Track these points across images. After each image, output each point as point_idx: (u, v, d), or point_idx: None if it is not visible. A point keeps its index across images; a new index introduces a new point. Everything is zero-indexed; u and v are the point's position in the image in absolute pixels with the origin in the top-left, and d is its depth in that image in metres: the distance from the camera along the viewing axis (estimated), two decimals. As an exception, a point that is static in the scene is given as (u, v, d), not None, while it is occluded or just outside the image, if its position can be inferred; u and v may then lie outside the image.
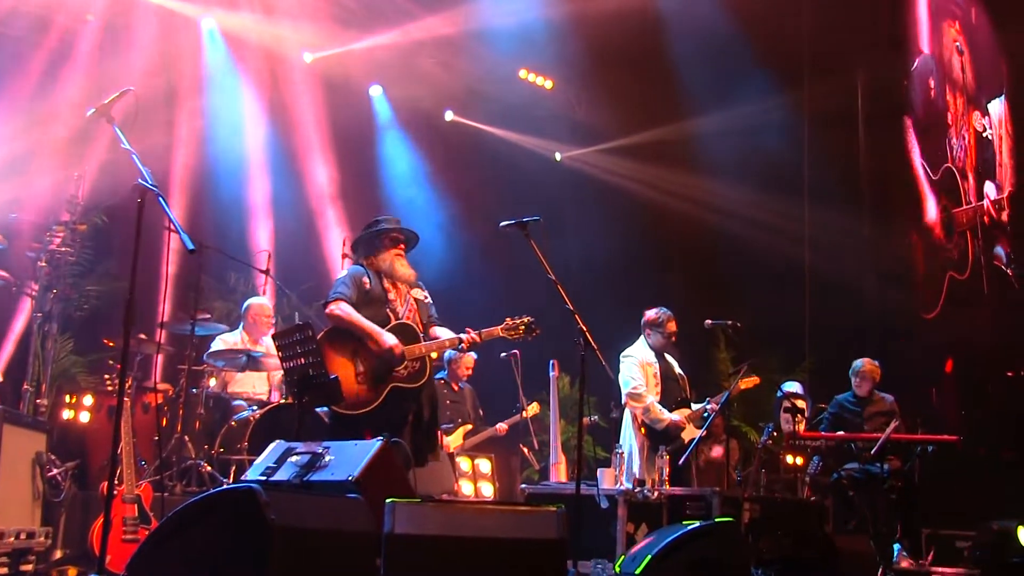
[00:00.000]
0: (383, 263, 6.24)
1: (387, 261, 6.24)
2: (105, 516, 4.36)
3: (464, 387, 9.74)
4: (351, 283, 6.12)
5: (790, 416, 8.69)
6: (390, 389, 5.90)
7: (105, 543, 4.10)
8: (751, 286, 12.09)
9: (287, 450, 5.02)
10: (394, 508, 4.14)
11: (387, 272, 6.23)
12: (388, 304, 6.16)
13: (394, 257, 6.27)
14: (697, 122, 12.52)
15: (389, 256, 6.26)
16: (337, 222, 11.67)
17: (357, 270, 6.25)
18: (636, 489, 6.59)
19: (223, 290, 10.43)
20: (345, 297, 6.02)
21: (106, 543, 4.10)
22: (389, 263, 6.24)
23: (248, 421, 7.56)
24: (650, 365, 7.81)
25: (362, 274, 6.19)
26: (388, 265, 6.24)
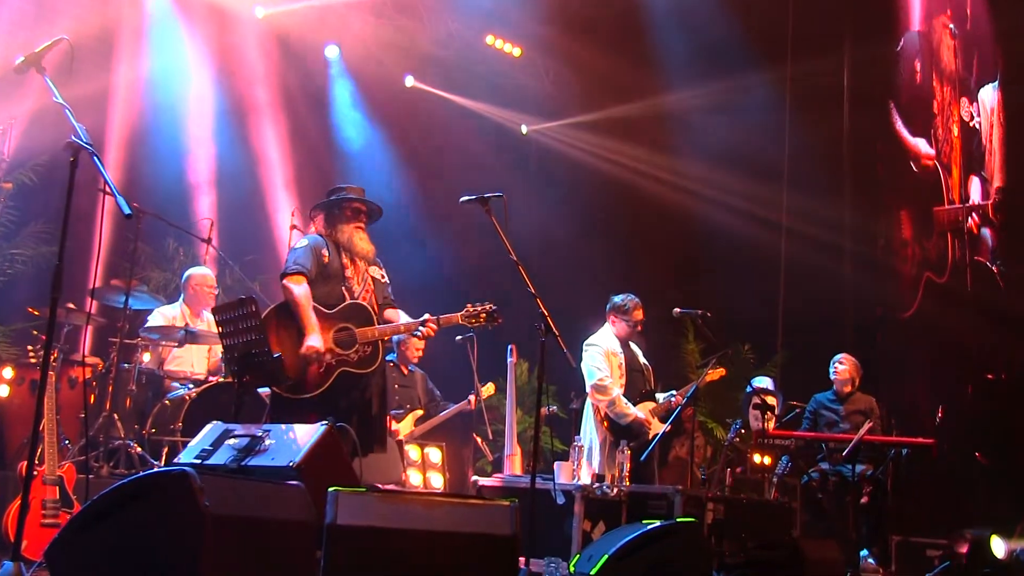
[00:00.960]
0: (342, 235, 6.20)
1: (346, 234, 6.20)
2: (23, 498, 4.30)
3: (415, 371, 9.71)
4: (311, 255, 6.07)
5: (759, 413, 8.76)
6: (339, 373, 5.87)
7: (22, 527, 4.03)
8: (723, 274, 12.15)
9: (224, 432, 4.99)
10: (337, 497, 4.12)
11: (345, 245, 6.18)
12: (344, 281, 6.13)
13: (354, 230, 6.22)
14: (673, 98, 12.54)
15: (349, 229, 6.21)
16: (286, 190, 11.58)
17: (317, 241, 6.19)
18: (595, 485, 6.62)
19: (161, 259, 10.32)
20: (304, 271, 5.97)
21: (22, 527, 4.04)
22: (348, 236, 6.20)
23: (183, 400, 7.50)
24: (615, 355, 7.83)
25: (322, 246, 6.14)
26: (347, 238, 6.19)
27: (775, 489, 8.68)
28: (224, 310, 5.78)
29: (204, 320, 8.34)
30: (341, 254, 6.18)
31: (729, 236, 11.97)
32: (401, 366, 9.60)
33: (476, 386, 9.55)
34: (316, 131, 12.13)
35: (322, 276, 6.06)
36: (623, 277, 11.36)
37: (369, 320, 6.02)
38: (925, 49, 12.08)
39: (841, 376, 9.03)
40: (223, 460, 4.76)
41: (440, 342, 9.61)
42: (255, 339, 5.56)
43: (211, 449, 4.88)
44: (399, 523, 4.22)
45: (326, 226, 6.26)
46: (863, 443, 8.04)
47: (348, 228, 6.21)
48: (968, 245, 11.28)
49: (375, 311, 6.13)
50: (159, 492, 3.76)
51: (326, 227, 6.26)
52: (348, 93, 12.38)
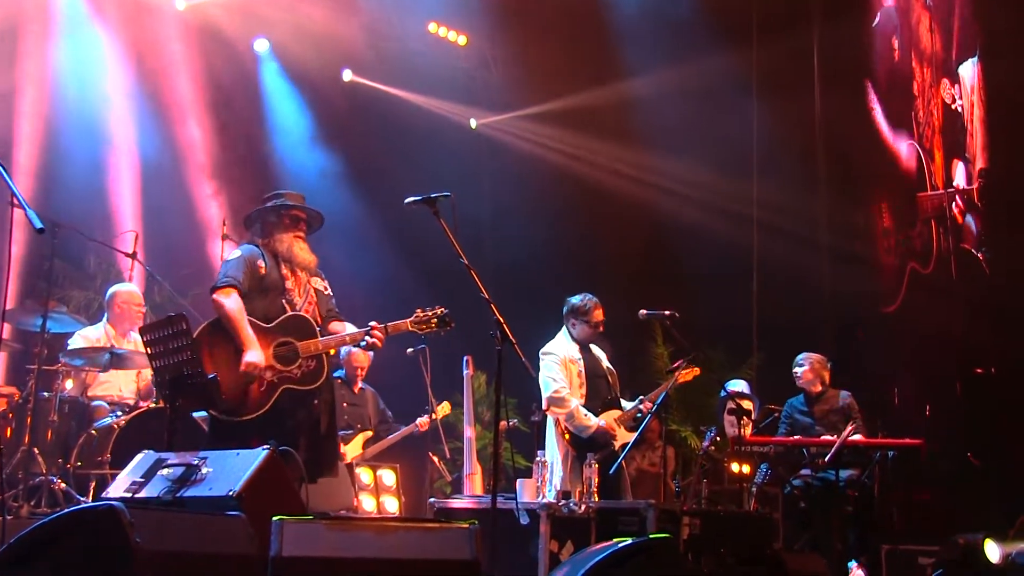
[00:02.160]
0: (280, 245, 6.19)
1: (285, 243, 6.19)
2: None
3: (366, 389, 9.69)
4: (244, 267, 6.05)
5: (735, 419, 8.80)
6: (281, 391, 5.85)
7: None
8: (692, 273, 12.22)
9: (157, 462, 4.95)
10: (282, 527, 4.10)
11: (284, 256, 6.17)
12: (285, 293, 6.12)
13: (293, 239, 6.22)
14: (631, 85, 12.59)
15: (288, 238, 6.20)
16: (217, 198, 11.50)
17: (252, 251, 6.17)
18: (561, 502, 6.63)
19: (81, 277, 10.23)
20: (236, 284, 5.95)
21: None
22: (287, 246, 6.19)
23: (111, 429, 7.43)
24: (574, 362, 7.84)
25: (257, 256, 6.13)
26: (286, 248, 6.18)
27: (754, 499, 8.74)
28: (153, 329, 5.75)
29: (131, 341, 8.26)
30: (280, 265, 6.16)
31: (697, 231, 12.04)
32: (352, 384, 9.57)
33: (431, 402, 9.54)
34: (249, 133, 12.06)
35: (259, 289, 6.04)
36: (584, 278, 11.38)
37: (311, 332, 6.01)
38: (903, 25, 12.20)
39: (805, 378, 9.07)
40: (156, 492, 4.72)
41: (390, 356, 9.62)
42: (187, 359, 5.53)
43: (143, 481, 4.84)
44: (350, 552, 4.20)
45: (263, 235, 6.24)
46: (846, 446, 8.12)
47: (287, 237, 6.20)
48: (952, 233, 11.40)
49: (319, 323, 6.11)
50: (85, 530, 3.73)
51: (263, 236, 6.24)
52: (281, 90, 12.32)
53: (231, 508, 4.41)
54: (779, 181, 11.83)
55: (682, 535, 6.56)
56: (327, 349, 6.02)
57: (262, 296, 6.04)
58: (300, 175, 11.76)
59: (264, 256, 6.14)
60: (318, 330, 6.07)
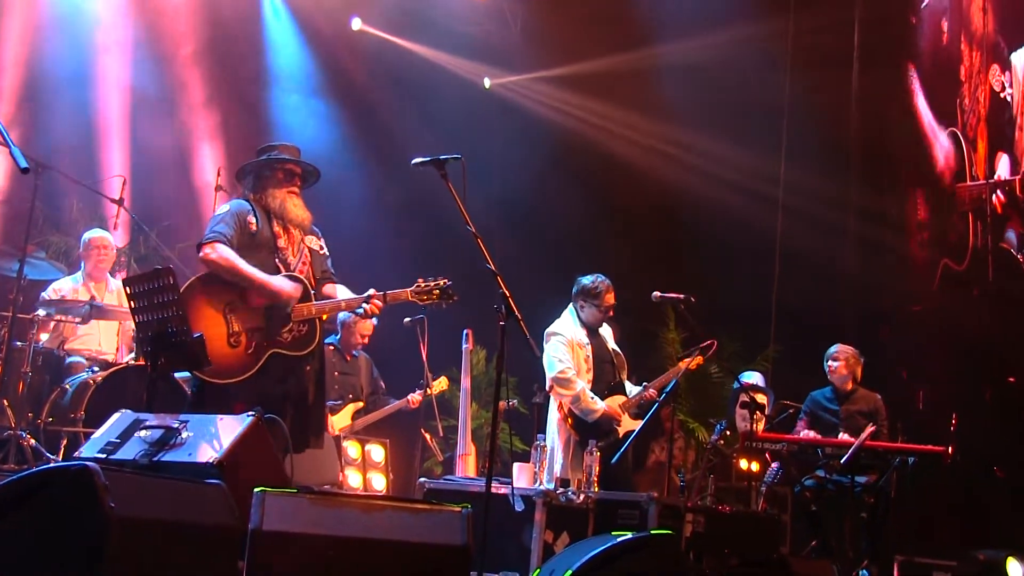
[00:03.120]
0: (273, 200, 6.18)
1: (278, 199, 6.18)
2: None
3: (359, 356, 9.69)
4: (233, 222, 6.04)
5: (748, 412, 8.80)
6: (269, 355, 5.85)
7: None
8: (710, 255, 12.19)
9: (134, 422, 4.96)
10: (264, 499, 4.11)
11: (277, 212, 6.17)
12: (277, 252, 6.11)
13: (287, 195, 6.21)
14: (657, 52, 12.51)
15: (281, 193, 6.20)
16: (211, 146, 11.49)
17: (242, 206, 6.16)
18: (558, 490, 6.63)
19: (62, 222, 10.23)
20: (225, 238, 5.94)
21: None
22: (280, 201, 6.18)
23: (87, 385, 7.44)
24: (582, 347, 7.84)
25: (247, 212, 6.12)
26: (279, 204, 6.17)
27: (763, 499, 8.75)
28: (137, 282, 5.73)
29: (113, 292, 8.26)
30: (272, 221, 6.16)
31: (718, 211, 12.00)
32: (344, 351, 9.57)
33: (426, 376, 9.54)
34: (248, 80, 12.03)
35: (250, 246, 6.03)
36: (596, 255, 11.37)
37: (306, 296, 6.00)
38: (954, 6, 12.08)
39: (839, 373, 9.03)
40: (132, 455, 4.73)
41: (386, 325, 9.62)
42: (172, 315, 5.52)
43: (118, 442, 4.85)
44: (334, 530, 4.21)
45: (255, 189, 6.24)
46: (865, 449, 8.10)
47: (280, 192, 6.19)
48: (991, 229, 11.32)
49: (312, 285, 6.11)
50: (56, 491, 3.73)
51: (255, 191, 6.23)
52: (285, 37, 12.27)
53: (211, 476, 4.43)
54: (808, 162, 11.76)
55: (684, 533, 6.57)
56: (321, 314, 6.02)
57: (252, 254, 6.03)
58: (300, 127, 11.74)
59: (255, 212, 6.13)
60: (312, 293, 6.07)
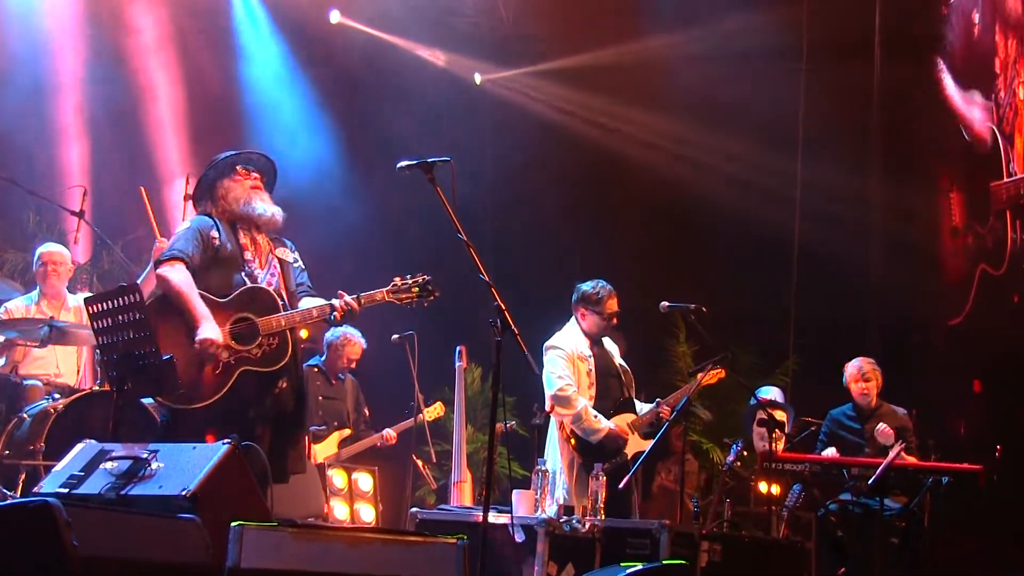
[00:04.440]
0: (236, 202, 6.17)
1: (241, 197, 6.17)
2: None
3: (345, 379, 9.69)
4: (194, 238, 6.04)
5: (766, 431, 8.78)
6: (240, 374, 5.84)
7: None
8: (722, 260, 12.21)
9: (99, 453, 4.94)
10: (242, 534, 4.10)
11: (243, 213, 6.16)
12: (244, 265, 6.11)
13: (250, 191, 6.20)
14: (660, 43, 12.52)
15: (243, 190, 6.19)
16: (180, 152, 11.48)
17: (204, 222, 6.17)
18: (562, 519, 6.63)
19: (18, 236, 10.23)
20: (184, 256, 5.95)
21: None
22: (245, 197, 6.17)
23: (47, 413, 7.42)
24: (583, 360, 7.84)
25: (210, 227, 6.12)
26: (243, 202, 6.17)
27: (785, 524, 8.73)
28: (101, 300, 5.72)
29: (71, 311, 8.25)
30: (238, 232, 6.15)
31: (729, 212, 12.00)
32: (329, 374, 9.58)
33: (416, 398, 9.53)
34: (220, 78, 12.03)
35: (213, 262, 6.04)
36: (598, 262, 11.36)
37: (273, 307, 6.00)
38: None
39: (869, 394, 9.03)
40: (98, 488, 4.71)
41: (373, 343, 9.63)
42: (139, 336, 5.52)
43: (82, 475, 4.83)
44: (319, 566, 4.21)
45: (215, 199, 6.23)
46: (894, 469, 8.09)
47: (242, 188, 6.19)
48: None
49: (283, 298, 6.10)
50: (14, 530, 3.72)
51: (215, 200, 6.22)
52: (259, 31, 12.28)
53: (184, 510, 4.40)
54: (827, 159, 11.76)
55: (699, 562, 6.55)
56: (291, 325, 6.01)
57: (217, 269, 6.03)
58: (276, 130, 11.75)
59: (219, 226, 6.14)
60: (282, 304, 6.06)
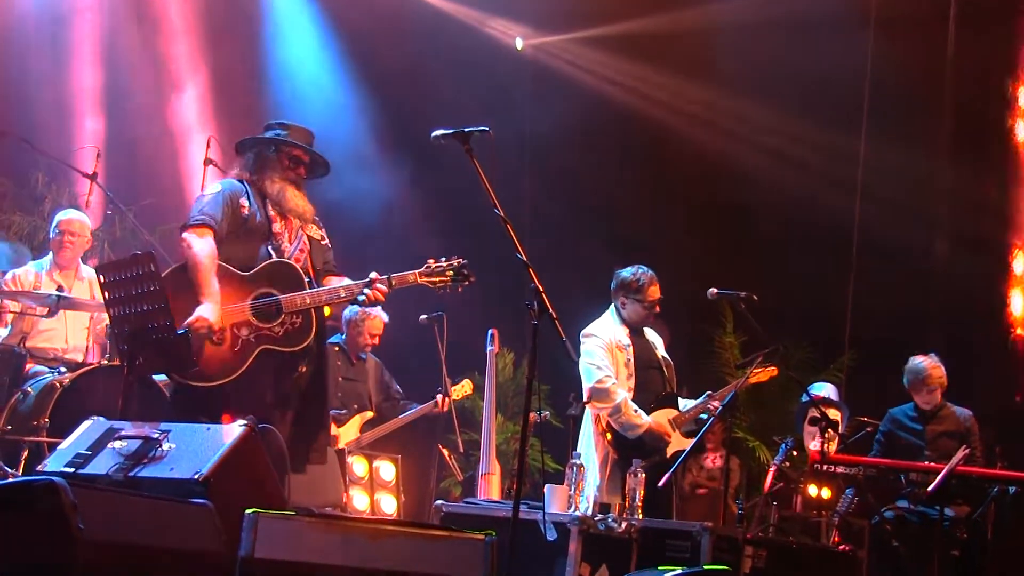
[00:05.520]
0: (271, 186, 6.23)
1: (276, 185, 6.24)
2: None
3: (367, 359, 9.70)
4: (223, 204, 6.09)
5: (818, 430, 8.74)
6: (259, 353, 5.86)
7: None
8: (775, 246, 12.14)
9: (108, 432, 4.97)
10: (256, 522, 4.12)
11: (275, 199, 6.22)
12: (272, 239, 6.15)
13: (287, 185, 6.25)
14: (715, 8, 12.47)
15: (280, 181, 6.25)
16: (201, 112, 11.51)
17: (234, 187, 6.21)
18: (597, 517, 6.62)
19: (27, 199, 10.29)
20: (212, 224, 5.99)
21: None
22: (279, 188, 6.23)
23: (52, 387, 7.47)
24: (622, 349, 7.82)
25: (240, 194, 6.17)
26: (277, 191, 6.23)
27: (835, 531, 8.71)
28: (113, 269, 5.76)
29: (84, 280, 8.29)
30: (267, 205, 6.19)
31: (785, 195, 11.95)
32: (351, 353, 9.59)
33: (444, 383, 9.53)
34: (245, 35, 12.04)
35: (241, 232, 6.08)
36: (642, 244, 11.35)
37: (299, 284, 6.03)
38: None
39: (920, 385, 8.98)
40: (105, 469, 4.74)
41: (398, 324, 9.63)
42: (153, 309, 5.54)
43: (89, 454, 4.86)
44: (336, 558, 4.22)
45: (253, 170, 6.26)
46: (956, 476, 8.04)
47: (279, 180, 6.24)
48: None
49: (310, 275, 6.12)
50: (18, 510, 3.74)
51: (253, 171, 6.26)
52: (290, 0, 12.31)
53: (196, 494, 4.43)
54: (893, 139, 11.67)
55: (743, 568, 6.55)
56: (316, 303, 6.02)
57: (243, 239, 6.07)
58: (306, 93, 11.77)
59: (249, 194, 6.18)
60: (308, 282, 6.08)
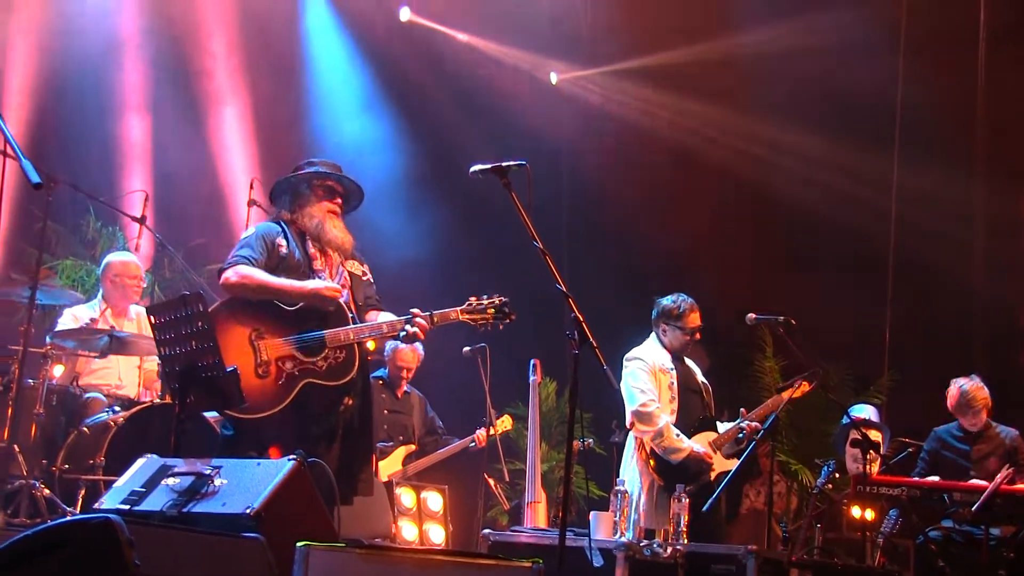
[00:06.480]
0: (310, 221, 6.25)
1: (316, 218, 6.25)
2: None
3: (411, 392, 9.72)
4: (259, 245, 6.12)
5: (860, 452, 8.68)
6: (303, 386, 5.87)
7: None
8: (812, 270, 12.10)
9: (161, 469, 4.99)
10: (308, 554, 4.12)
11: (313, 233, 6.24)
12: (312, 275, 6.15)
13: (327, 214, 6.27)
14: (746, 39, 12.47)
15: (320, 212, 6.27)
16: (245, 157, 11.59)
17: (270, 228, 6.25)
18: (642, 542, 6.60)
19: (78, 243, 10.37)
20: (249, 262, 6.01)
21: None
22: (319, 221, 6.25)
23: (107, 426, 7.50)
24: (665, 372, 7.81)
25: (276, 234, 6.19)
26: (316, 224, 6.24)
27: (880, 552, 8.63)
28: (163, 310, 5.78)
29: (134, 321, 8.34)
30: (307, 243, 6.22)
31: (820, 218, 11.92)
32: (394, 387, 9.61)
33: (489, 414, 9.53)
34: (285, 80, 12.13)
35: (280, 270, 6.10)
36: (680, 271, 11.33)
37: (342, 319, 6.04)
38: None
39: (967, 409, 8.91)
40: (159, 505, 4.75)
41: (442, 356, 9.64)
42: (203, 347, 5.56)
43: (144, 491, 4.88)
44: (387, 589, 4.21)
45: (291, 209, 6.31)
46: (1001, 495, 7.96)
47: (318, 211, 6.27)
48: None
49: (352, 310, 6.14)
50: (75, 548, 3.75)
51: (290, 210, 6.30)
52: (327, 30, 12.37)
53: (248, 528, 4.43)
54: (927, 162, 11.62)
55: (789, 591, 6.51)
56: (359, 339, 6.04)
57: (284, 277, 6.07)
58: (345, 134, 11.84)
59: (287, 233, 6.21)
60: (351, 317, 6.10)
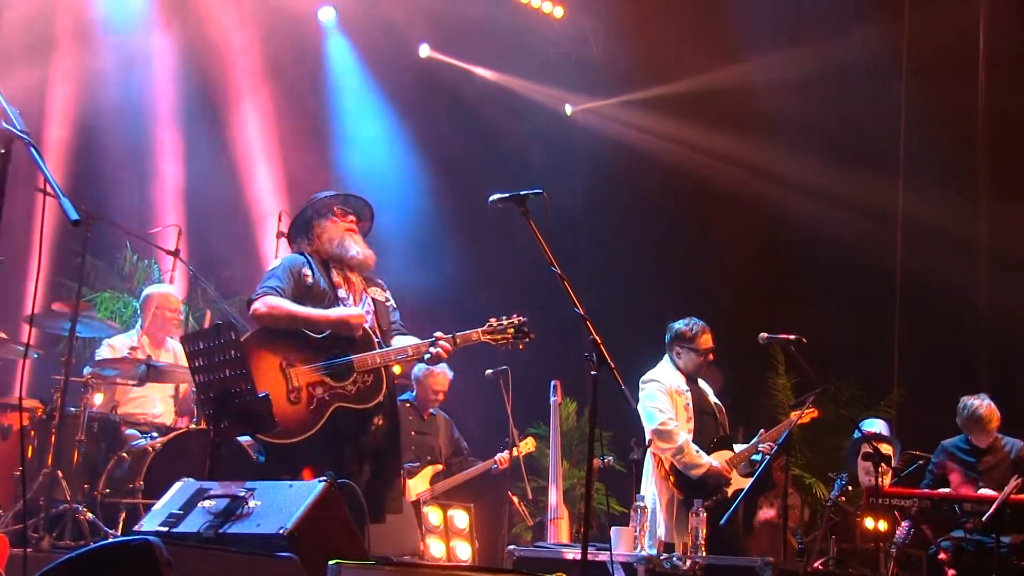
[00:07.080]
0: (330, 243, 6.27)
1: (335, 239, 6.27)
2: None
3: (437, 414, 9.73)
4: (286, 275, 6.15)
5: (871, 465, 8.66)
6: (333, 410, 5.90)
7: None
8: (821, 288, 12.06)
9: (197, 492, 5.01)
10: (339, 572, 4.13)
11: (336, 254, 6.26)
12: (338, 302, 6.17)
13: (344, 232, 6.30)
14: (754, 67, 12.47)
15: (337, 232, 6.30)
16: (273, 190, 11.63)
17: (295, 259, 6.28)
18: (662, 556, 6.60)
19: (115, 277, 10.41)
20: (276, 292, 6.04)
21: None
22: (339, 240, 6.27)
23: (145, 452, 7.53)
24: (680, 394, 7.83)
25: (302, 264, 6.22)
26: (337, 244, 6.27)
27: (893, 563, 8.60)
28: (197, 339, 5.81)
29: (170, 351, 8.38)
30: (331, 271, 6.24)
31: (828, 238, 11.88)
32: (421, 409, 9.62)
33: (511, 434, 9.53)
34: (309, 116, 12.18)
35: (306, 299, 6.11)
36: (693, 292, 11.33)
37: (368, 344, 6.06)
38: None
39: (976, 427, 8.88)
40: (196, 527, 4.78)
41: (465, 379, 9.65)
42: (236, 374, 5.59)
43: (181, 513, 4.90)
44: (417, 605, 4.22)
45: (311, 239, 6.34)
46: (1010, 504, 7.93)
47: (336, 232, 6.30)
48: None
49: (377, 335, 6.16)
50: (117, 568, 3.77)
51: (311, 241, 6.34)
52: (348, 67, 12.42)
53: (281, 548, 4.44)
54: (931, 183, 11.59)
55: (805, 600, 6.50)
56: (386, 363, 6.06)
57: (310, 306, 6.10)
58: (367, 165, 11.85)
59: (312, 264, 6.23)
60: (377, 342, 6.12)
